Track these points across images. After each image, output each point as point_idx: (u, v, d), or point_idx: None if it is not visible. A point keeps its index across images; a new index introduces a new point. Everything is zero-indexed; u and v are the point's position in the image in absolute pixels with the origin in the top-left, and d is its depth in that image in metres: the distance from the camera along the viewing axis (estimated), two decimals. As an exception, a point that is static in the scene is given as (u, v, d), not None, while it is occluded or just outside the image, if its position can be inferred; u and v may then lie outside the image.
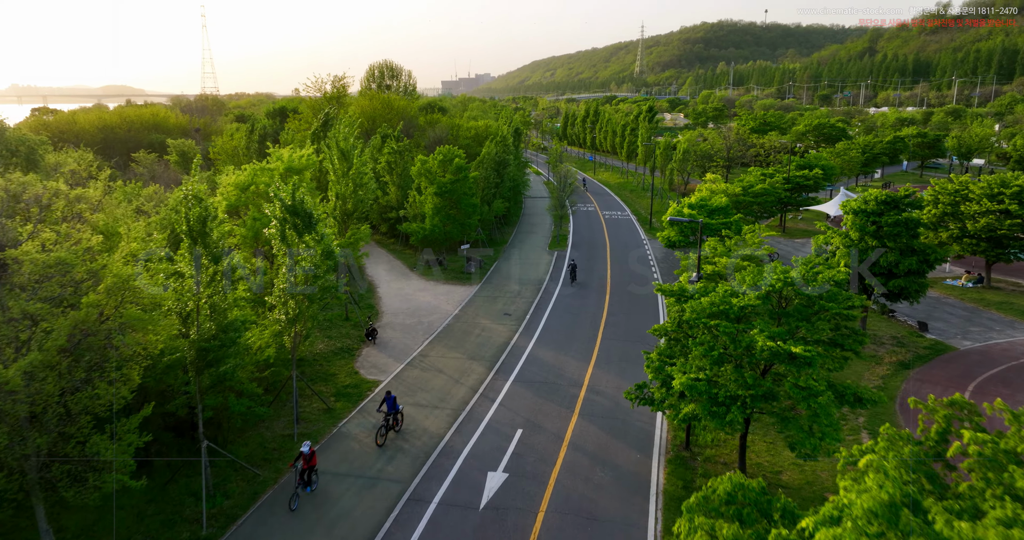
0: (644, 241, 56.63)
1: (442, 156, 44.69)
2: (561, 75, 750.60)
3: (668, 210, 39.86)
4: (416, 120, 70.95)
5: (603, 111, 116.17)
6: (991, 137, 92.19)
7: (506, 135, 58.08)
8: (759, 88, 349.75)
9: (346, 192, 33.68)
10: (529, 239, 57.89)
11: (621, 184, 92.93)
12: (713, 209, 38.86)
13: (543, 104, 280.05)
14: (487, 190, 51.85)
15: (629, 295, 40.33)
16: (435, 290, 41.94)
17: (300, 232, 22.10)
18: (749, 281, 19.39)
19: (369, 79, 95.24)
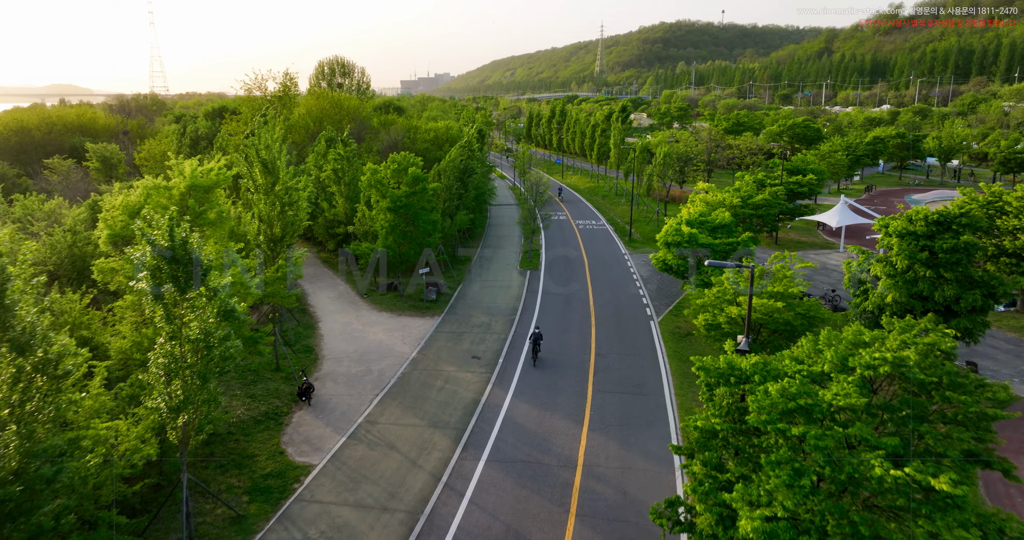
0: (625, 256, 50.78)
1: (396, 164, 38.08)
2: (521, 75, 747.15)
3: (663, 228, 33.98)
4: (369, 121, 64.08)
5: (570, 111, 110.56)
6: (969, 137, 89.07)
7: (470, 138, 51.70)
8: (720, 88, 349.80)
9: (271, 213, 26.88)
10: (497, 255, 51.53)
11: (592, 189, 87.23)
12: (715, 226, 33.13)
13: (504, 104, 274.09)
14: (449, 202, 45.39)
15: (618, 327, 34.31)
16: (389, 324, 35.31)
17: (183, 287, 15.41)
18: (832, 358, 13.41)
19: (318, 77, 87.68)
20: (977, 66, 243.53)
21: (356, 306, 38.55)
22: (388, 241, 36.94)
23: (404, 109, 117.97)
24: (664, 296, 40.16)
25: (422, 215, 37.67)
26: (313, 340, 33.02)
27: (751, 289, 18.63)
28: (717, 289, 23.77)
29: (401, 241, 37.75)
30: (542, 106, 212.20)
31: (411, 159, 38.36)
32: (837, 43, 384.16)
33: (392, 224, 37.18)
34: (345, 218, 45.66)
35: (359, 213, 40.24)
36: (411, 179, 37.24)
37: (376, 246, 37.17)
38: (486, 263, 49.20)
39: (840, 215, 48.02)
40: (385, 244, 36.79)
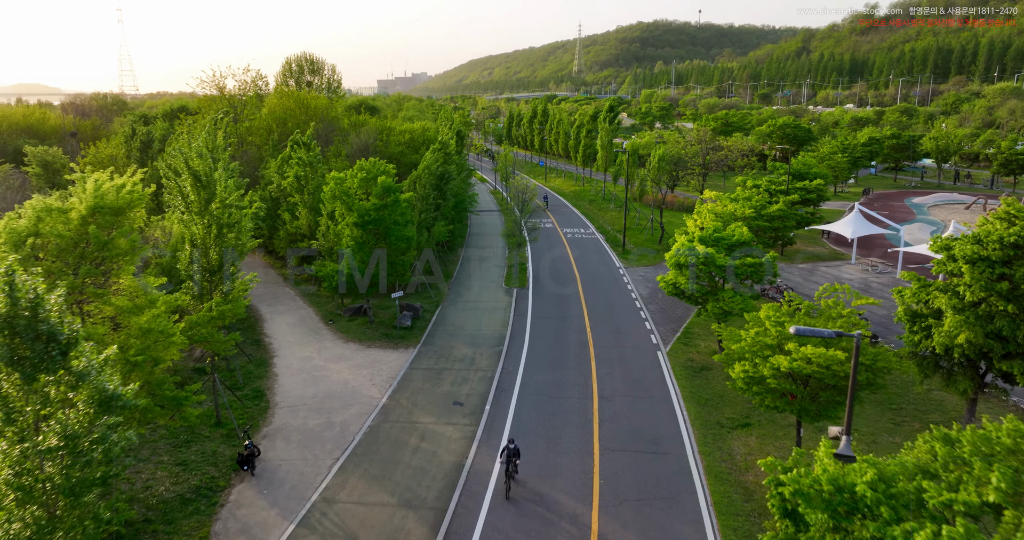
0: (620, 270, 46.29)
1: (364, 173, 33.16)
2: (499, 74, 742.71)
3: (673, 246, 29.43)
4: (338, 123, 58.96)
5: (552, 111, 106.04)
6: (966, 138, 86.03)
7: (447, 140, 46.90)
8: (699, 87, 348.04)
9: (206, 239, 21.88)
10: (480, 271, 46.73)
11: (577, 193, 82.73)
12: (734, 244, 28.67)
13: (482, 103, 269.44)
14: (426, 213, 40.54)
15: (622, 360, 29.75)
16: (356, 358, 30.38)
17: (29, 373, 10.52)
18: (1005, 484, 8.88)
19: (285, 74, 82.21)
20: (956, 65, 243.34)
21: (319, 336, 33.55)
22: (356, 261, 31.99)
23: (379, 109, 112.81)
24: (669, 319, 35.71)
25: (395, 230, 32.79)
26: (266, 381, 28.00)
27: (855, 360, 13.85)
28: (755, 330, 19.28)
29: (369, 260, 32.82)
30: (521, 106, 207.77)
31: (381, 167, 33.45)
32: (814, 43, 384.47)
33: (360, 241, 32.24)
34: (308, 231, 40.60)
35: (322, 227, 35.24)
36: (381, 190, 32.33)
37: (342, 267, 32.20)
38: (468, 280, 44.39)
39: (854, 224, 43.95)
40: (351, 265, 31.83)
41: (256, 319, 36.19)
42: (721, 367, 28.84)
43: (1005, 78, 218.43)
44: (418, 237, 39.23)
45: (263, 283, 43.35)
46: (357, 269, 31.96)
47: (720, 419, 24.44)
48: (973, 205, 69.14)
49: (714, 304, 27.64)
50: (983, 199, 69.26)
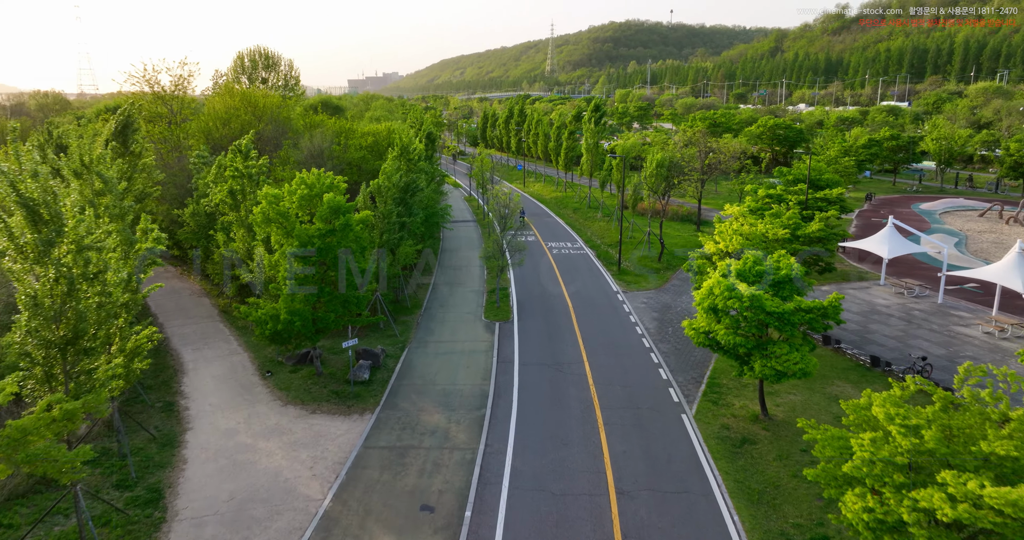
0: (618, 294, 39.75)
1: (306, 188, 26.08)
2: (471, 74, 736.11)
3: (703, 285, 22.81)
4: (292, 124, 51.59)
5: (530, 111, 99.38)
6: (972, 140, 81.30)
7: (415, 145, 39.96)
8: (674, 87, 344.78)
9: (52, 299, 14.73)
10: (455, 298, 39.83)
11: (560, 200, 76.11)
12: (781, 280, 22.20)
13: (455, 103, 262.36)
14: (389, 233, 33.52)
15: (638, 428, 23.14)
16: (295, 432, 23.33)
17: None
18: None
19: (237, 70, 74.39)
20: (932, 65, 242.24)
21: (251, 395, 26.40)
22: (295, 303, 24.91)
23: (344, 109, 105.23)
24: (687, 363, 29.20)
25: (346, 262, 25.77)
26: (168, 473, 20.81)
27: None
28: (870, 437, 12.63)
29: (315, 300, 25.79)
30: (495, 106, 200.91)
31: (327, 181, 26.40)
32: (787, 42, 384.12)
33: (301, 277, 25.18)
34: (247, 255, 33.35)
35: (256, 256, 28.10)
36: (328, 210, 25.29)
37: (276, 311, 25.07)
38: (441, 310, 37.43)
39: (890, 242, 37.88)
40: (290, 309, 24.73)
41: (175, 370, 28.89)
42: (768, 439, 22.39)
43: (982, 78, 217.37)
44: (378, 264, 32.22)
45: (192, 318, 36.00)
46: (297, 312, 24.88)
47: (784, 526, 17.94)
48: (988, 212, 64.02)
49: (763, 362, 21.14)
50: (998, 206, 64.19)
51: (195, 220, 38.92)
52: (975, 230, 57.49)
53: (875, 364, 28.58)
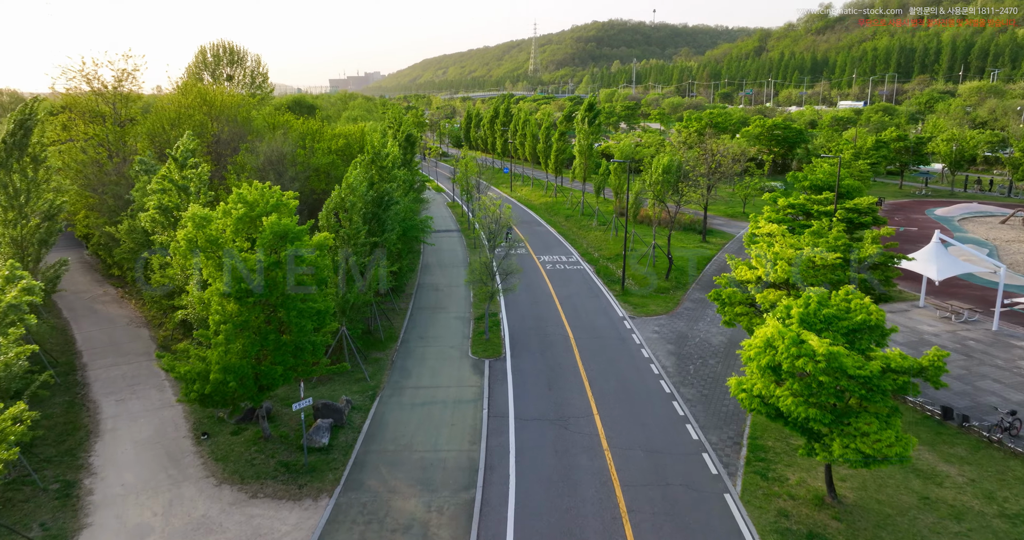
0: (625, 322, 34.53)
1: (244, 207, 20.52)
2: (454, 73, 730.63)
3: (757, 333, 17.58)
4: (253, 125, 45.81)
5: (517, 111, 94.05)
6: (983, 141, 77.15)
7: (390, 148, 34.46)
8: (658, 86, 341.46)
9: None
10: (436, 328, 34.34)
11: (550, 206, 70.77)
12: (856, 328, 17.06)
13: (437, 103, 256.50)
14: (358, 255, 27.96)
15: (673, 518, 17.89)
16: (226, 532, 17.76)
17: None
18: None
19: (198, 66, 68.33)
20: (919, 64, 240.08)
21: (178, 469, 20.81)
22: (230, 356, 19.38)
23: (318, 108, 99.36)
24: (719, 416, 24.02)
25: (295, 303, 20.26)
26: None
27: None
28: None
29: (256, 351, 20.24)
30: (479, 105, 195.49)
31: (271, 198, 20.86)
32: (771, 42, 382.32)
33: (237, 322, 19.65)
34: (185, 282, 27.69)
35: (190, 292, 22.50)
36: (271, 236, 19.76)
37: (207, 368, 19.52)
38: (420, 344, 31.95)
39: (939, 261, 32.91)
40: (223, 365, 19.19)
41: (88, 432, 23.21)
42: (843, 535, 17.21)
43: (970, 77, 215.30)
44: (344, 295, 26.73)
45: (124, 356, 30.25)
46: (233, 369, 19.34)
47: None
48: (1011, 218, 59.66)
49: (845, 442, 15.95)
50: (1022, 212, 59.86)
51: (131, 238, 33.19)
52: (1002, 239, 53.00)
53: (947, 417, 23.58)
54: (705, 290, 40.30)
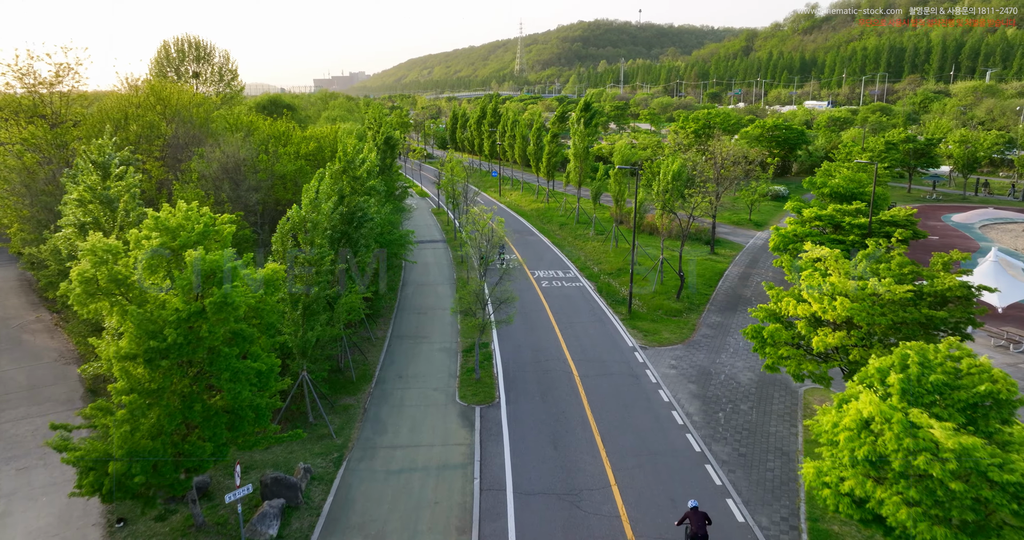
0: (636, 354, 29.93)
1: (162, 235, 15.66)
2: (439, 73, 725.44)
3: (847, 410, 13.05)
4: (212, 126, 40.76)
5: (505, 111, 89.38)
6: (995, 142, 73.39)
7: (365, 154, 29.65)
8: (646, 86, 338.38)
9: None
10: (417, 364, 29.51)
11: (542, 212, 66.09)
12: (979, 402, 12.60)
13: (422, 103, 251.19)
14: (320, 287, 23.06)
15: None
16: None
17: None
18: None
19: (161, 63, 63.02)
20: (909, 64, 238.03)
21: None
22: (137, 437, 14.54)
23: (295, 108, 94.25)
24: (763, 484, 19.45)
25: (228, 362, 15.42)
26: None
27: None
28: None
29: (178, 423, 15.39)
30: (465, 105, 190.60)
31: (196, 225, 16.03)
32: (758, 42, 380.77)
33: (150, 389, 14.81)
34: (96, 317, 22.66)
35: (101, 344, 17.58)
36: (194, 275, 14.91)
37: (110, 442, 14.70)
38: (399, 386, 27.14)
39: (999, 282, 28.44)
40: (129, 444, 14.37)
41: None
42: None
43: (961, 77, 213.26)
44: (304, 335, 21.92)
45: (42, 404, 25.24)
46: (140, 452, 14.51)
47: None
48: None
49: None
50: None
51: (55, 259, 28.16)
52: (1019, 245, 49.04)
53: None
54: (722, 312, 35.83)
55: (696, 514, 15.95)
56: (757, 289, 40.03)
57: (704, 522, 15.82)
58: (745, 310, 36.10)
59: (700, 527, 15.69)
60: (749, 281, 41.86)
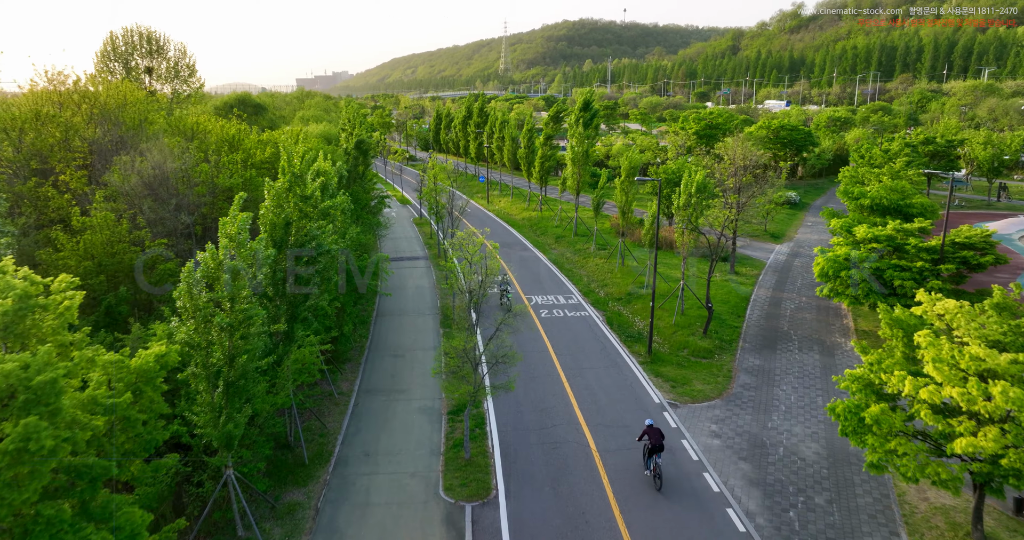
0: (664, 413, 23.88)
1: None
2: (423, 73, 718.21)
3: None
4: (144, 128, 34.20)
5: (492, 111, 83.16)
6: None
7: (322, 165, 23.45)
8: (633, 85, 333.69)
9: None
10: (389, 434, 23.12)
11: (535, 222, 59.91)
12: None
13: (405, 102, 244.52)
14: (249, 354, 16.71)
15: None
16: None
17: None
18: None
19: (105, 57, 56.09)
20: (900, 63, 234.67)
21: None
22: None
23: (266, 107, 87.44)
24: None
25: (55, 529, 9.08)
26: None
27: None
28: None
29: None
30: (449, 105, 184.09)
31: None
32: (745, 41, 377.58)
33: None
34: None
35: None
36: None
37: None
38: (365, 471, 20.76)
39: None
40: None
41: None
42: None
43: (953, 75, 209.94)
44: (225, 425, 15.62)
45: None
46: None
47: None
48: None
49: None
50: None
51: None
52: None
53: None
54: (759, 351, 29.87)
55: (652, 430, 19.41)
56: (794, 320, 34.12)
57: (661, 436, 19.28)
58: (786, 348, 30.17)
59: (657, 440, 19.13)
60: (781, 309, 35.95)
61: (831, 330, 32.65)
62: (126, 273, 22.27)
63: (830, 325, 33.41)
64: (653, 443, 19.18)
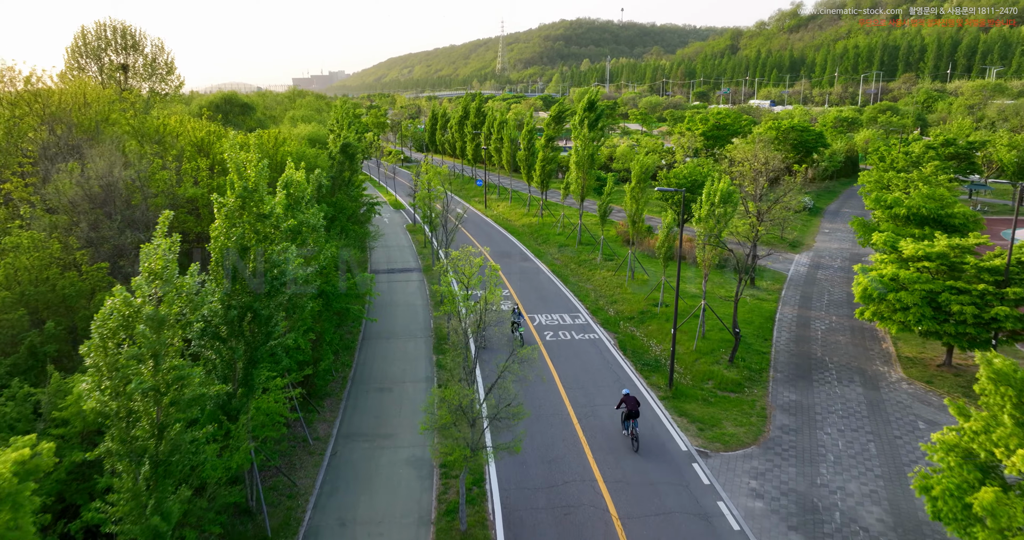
0: (694, 466, 20.38)
1: None
2: (420, 72, 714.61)
3: None
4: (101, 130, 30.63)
5: (490, 111, 79.58)
6: None
7: (292, 175, 19.99)
8: (631, 85, 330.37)
9: None
10: (369, 499, 19.54)
11: (535, 229, 56.33)
12: None
13: (401, 101, 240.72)
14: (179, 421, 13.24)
15: None
16: None
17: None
18: None
19: (77, 54, 52.37)
20: (903, 63, 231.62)
21: None
22: None
23: (254, 107, 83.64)
24: None
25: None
26: None
27: None
28: None
29: None
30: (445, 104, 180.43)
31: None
32: (743, 40, 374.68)
33: None
34: None
35: None
36: None
37: None
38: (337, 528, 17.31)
39: None
40: None
41: None
42: None
43: (957, 75, 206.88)
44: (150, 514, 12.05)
45: None
46: None
47: None
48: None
49: None
50: None
51: None
52: None
53: None
54: (793, 382, 26.39)
55: (629, 398, 21.22)
56: (827, 344, 30.65)
57: (636, 404, 21.11)
58: (823, 379, 26.70)
59: (634, 407, 20.98)
60: (811, 330, 32.48)
61: (870, 357, 29.17)
62: (57, 305, 18.69)
63: (868, 350, 29.94)
64: (629, 409, 21.08)
